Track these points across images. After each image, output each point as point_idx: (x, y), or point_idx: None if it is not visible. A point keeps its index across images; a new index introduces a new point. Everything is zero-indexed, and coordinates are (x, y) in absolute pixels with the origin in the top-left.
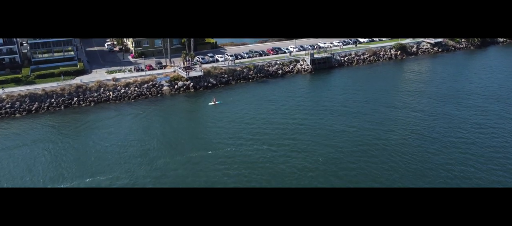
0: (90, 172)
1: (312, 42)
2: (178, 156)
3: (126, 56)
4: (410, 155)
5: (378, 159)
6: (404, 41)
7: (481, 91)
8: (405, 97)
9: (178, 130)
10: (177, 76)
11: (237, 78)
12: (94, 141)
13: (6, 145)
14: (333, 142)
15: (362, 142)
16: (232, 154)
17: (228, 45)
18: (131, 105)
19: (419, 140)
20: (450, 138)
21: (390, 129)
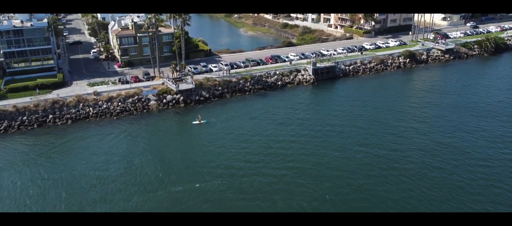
0: (61, 203)
1: (314, 49)
2: (161, 189)
3: (112, 65)
4: (431, 182)
5: (394, 187)
6: (413, 48)
7: (501, 104)
8: (418, 112)
9: (163, 155)
10: (166, 89)
11: (232, 90)
12: (67, 166)
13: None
14: (340, 169)
15: (374, 167)
16: (222, 188)
17: (223, 53)
18: (113, 123)
19: (439, 161)
20: (475, 160)
21: (405, 152)
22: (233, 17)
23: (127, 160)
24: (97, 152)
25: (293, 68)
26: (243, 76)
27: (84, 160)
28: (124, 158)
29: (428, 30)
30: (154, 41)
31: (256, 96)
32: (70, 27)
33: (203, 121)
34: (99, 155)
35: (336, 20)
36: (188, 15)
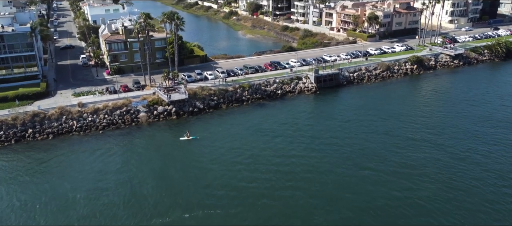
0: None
1: (315, 54)
2: (145, 221)
3: (101, 72)
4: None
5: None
6: (420, 53)
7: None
8: (429, 124)
9: (150, 176)
10: (157, 100)
11: (228, 101)
12: (46, 187)
13: None
14: (348, 190)
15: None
16: (214, 219)
17: (220, 58)
18: (98, 138)
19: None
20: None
21: (418, 168)
22: (232, 19)
23: (109, 182)
24: (79, 171)
25: (293, 75)
26: (241, 85)
27: (65, 180)
28: (107, 179)
29: (436, 33)
30: (145, 47)
31: (254, 107)
32: (61, 30)
33: (191, 137)
34: (81, 174)
35: (338, 23)
36: (181, 19)
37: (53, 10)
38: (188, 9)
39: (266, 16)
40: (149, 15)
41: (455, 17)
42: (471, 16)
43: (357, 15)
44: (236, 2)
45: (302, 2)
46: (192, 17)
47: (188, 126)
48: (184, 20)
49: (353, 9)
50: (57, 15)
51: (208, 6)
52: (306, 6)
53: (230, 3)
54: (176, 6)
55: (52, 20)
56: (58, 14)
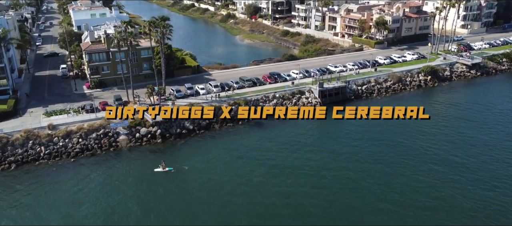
0: None
1: (319, 64)
2: None
3: (80, 85)
4: None
5: None
6: (434, 62)
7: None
8: (452, 150)
9: (125, 219)
10: (141, 120)
11: (222, 119)
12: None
13: None
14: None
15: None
16: None
17: (214, 68)
18: (69, 168)
19: None
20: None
21: (441, 211)
22: (229, 22)
23: (78, 219)
24: (44, 207)
25: (295, 89)
26: (236, 100)
27: (26, 220)
28: (75, 217)
29: (450, 40)
30: (128, 57)
31: (251, 127)
32: (46, 35)
33: (167, 169)
34: (46, 211)
35: (342, 28)
36: (168, 28)
37: (42, 13)
38: (184, 11)
39: (265, 19)
40: (131, 23)
41: (467, 21)
42: (484, 21)
43: (363, 20)
44: (233, 4)
45: (304, 5)
46: (188, 21)
47: (174, 150)
48: (172, 28)
49: (359, 13)
50: (45, 19)
51: (205, 8)
52: (308, 9)
53: (227, 6)
54: (172, 8)
55: (38, 23)
56: (46, 17)
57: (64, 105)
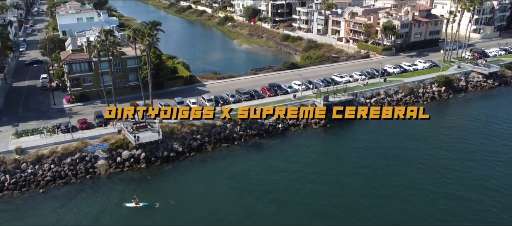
0: None
1: (323, 73)
2: None
3: (60, 99)
4: None
5: None
6: (447, 71)
7: None
8: (474, 172)
9: None
10: (123, 142)
11: (215, 139)
12: None
13: None
14: None
15: None
16: None
17: (208, 78)
18: (37, 200)
19: None
20: None
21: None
22: (227, 25)
23: None
24: None
25: (298, 103)
26: (232, 117)
27: None
28: None
29: (463, 46)
30: (111, 69)
31: (248, 149)
32: (32, 40)
33: (141, 204)
34: None
35: (347, 33)
36: (154, 36)
37: (31, 15)
38: (180, 13)
39: (265, 23)
40: (112, 31)
41: (480, 26)
42: (497, 24)
43: (370, 24)
44: (232, 6)
45: (305, 8)
46: (184, 23)
47: (159, 178)
48: (158, 37)
49: (364, 17)
50: (34, 22)
51: (202, 10)
52: (309, 12)
53: (225, 7)
54: (168, 10)
55: (26, 27)
56: (36, 20)
57: (39, 123)
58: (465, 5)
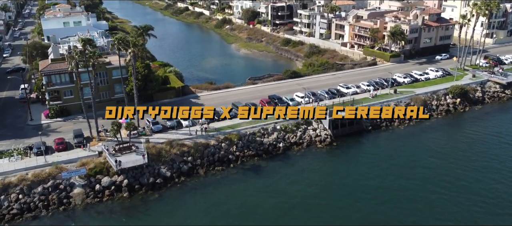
0: None
1: (327, 83)
2: None
3: (37, 113)
4: None
5: None
6: (462, 81)
7: None
8: (502, 204)
9: None
10: (103, 166)
11: (209, 162)
12: None
13: None
14: None
15: None
16: None
17: (203, 89)
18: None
19: None
20: None
21: None
22: (225, 28)
23: None
24: None
25: (300, 119)
26: (227, 135)
27: None
28: None
29: (477, 52)
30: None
31: (245, 172)
32: (19, 45)
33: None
34: None
35: (351, 37)
36: (139, 46)
37: (22, 17)
38: (177, 15)
39: (264, 25)
40: (91, 40)
41: (492, 30)
42: (510, 28)
43: (376, 29)
44: (230, 8)
45: (307, 11)
46: (181, 26)
47: (143, 210)
48: (144, 46)
49: (370, 21)
50: (23, 25)
51: (199, 12)
52: (311, 15)
53: (223, 9)
54: (165, 11)
55: (14, 30)
56: (26, 23)
57: (12, 143)
58: (480, 10)
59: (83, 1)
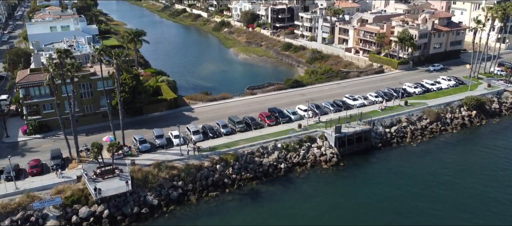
0: None
1: (332, 93)
2: None
3: (14, 128)
4: None
5: None
6: (477, 91)
7: None
8: None
9: None
10: (81, 194)
11: (202, 187)
12: None
13: None
14: None
15: None
16: None
17: (198, 100)
18: None
19: None
20: None
21: None
22: (223, 31)
23: None
24: None
25: (303, 134)
26: (223, 155)
27: None
28: None
29: (492, 58)
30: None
31: (242, 198)
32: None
33: None
34: None
35: (356, 42)
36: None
37: (14, 19)
38: (174, 17)
39: (264, 29)
40: (68, 51)
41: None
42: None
43: (383, 34)
44: (229, 10)
45: (309, 14)
46: (178, 29)
47: None
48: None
49: (376, 25)
50: (13, 27)
51: (197, 14)
52: (313, 18)
53: (222, 11)
54: (162, 13)
55: (3, 33)
56: (16, 25)
57: None
58: (496, 13)
59: (76, 3)
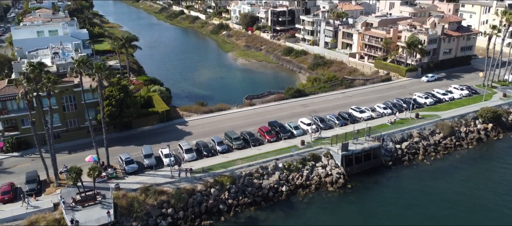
0: None
1: (336, 103)
2: None
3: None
4: None
5: None
6: (492, 101)
7: None
8: None
9: None
10: (57, 225)
11: (194, 214)
12: None
13: None
14: None
15: None
16: None
17: (192, 112)
18: None
19: None
20: None
21: None
22: (221, 34)
23: None
24: None
25: (307, 152)
26: (218, 177)
27: None
28: None
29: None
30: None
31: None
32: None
33: None
34: None
35: (361, 47)
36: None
37: (6, 21)
38: (172, 19)
39: (264, 32)
40: (42, 65)
41: None
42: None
43: (389, 39)
44: (227, 12)
45: (310, 17)
46: (176, 31)
47: None
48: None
49: (382, 29)
50: (4, 30)
51: (195, 16)
52: (315, 21)
53: (220, 13)
54: (159, 15)
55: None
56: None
57: None
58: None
59: (69, 5)
